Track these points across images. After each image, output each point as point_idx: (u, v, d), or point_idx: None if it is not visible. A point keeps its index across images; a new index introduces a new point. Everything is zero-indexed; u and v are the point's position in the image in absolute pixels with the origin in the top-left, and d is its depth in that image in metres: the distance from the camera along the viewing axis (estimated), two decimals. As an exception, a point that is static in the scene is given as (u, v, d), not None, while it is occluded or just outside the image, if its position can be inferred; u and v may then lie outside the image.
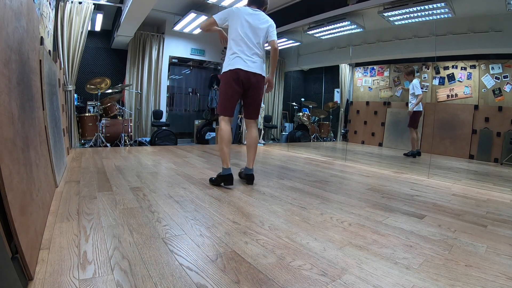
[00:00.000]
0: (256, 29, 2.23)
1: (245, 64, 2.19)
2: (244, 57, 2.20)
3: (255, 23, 2.24)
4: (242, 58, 2.20)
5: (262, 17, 2.27)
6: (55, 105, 2.42)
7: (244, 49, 2.21)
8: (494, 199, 2.21)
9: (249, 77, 2.20)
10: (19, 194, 0.90)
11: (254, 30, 2.23)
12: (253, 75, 2.21)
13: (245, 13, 2.25)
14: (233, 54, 2.21)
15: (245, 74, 2.18)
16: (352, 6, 3.85)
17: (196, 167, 2.87)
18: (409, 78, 4.44)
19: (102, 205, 1.59)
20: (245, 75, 2.19)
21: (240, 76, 2.18)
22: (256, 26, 2.23)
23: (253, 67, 2.20)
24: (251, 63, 2.20)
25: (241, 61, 2.19)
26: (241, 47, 2.21)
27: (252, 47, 2.21)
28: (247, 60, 2.20)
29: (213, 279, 0.93)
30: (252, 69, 2.19)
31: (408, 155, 4.47)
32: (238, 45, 2.21)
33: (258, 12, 2.28)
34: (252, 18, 2.24)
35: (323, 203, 1.87)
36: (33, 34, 1.50)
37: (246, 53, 2.20)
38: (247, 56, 2.20)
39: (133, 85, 6.03)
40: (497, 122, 4.20)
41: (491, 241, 1.35)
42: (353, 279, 0.97)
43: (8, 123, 0.88)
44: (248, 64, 2.19)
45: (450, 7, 3.47)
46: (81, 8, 4.27)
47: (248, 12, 2.26)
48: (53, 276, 0.89)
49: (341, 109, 6.50)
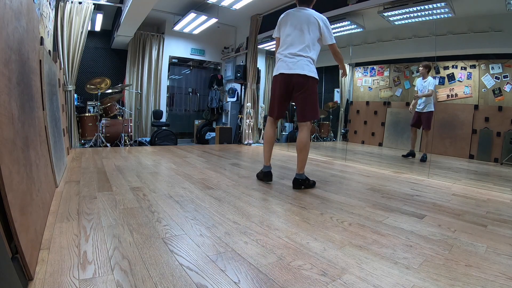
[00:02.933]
0: (300, 28, 2.17)
1: (287, 66, 2.17)
2: (286, 60, 2.18)
3: (299, 22, 2.17)
4: (284, 61, 2.19)
5: (306, 15, 2.18)
6: (55, 105, 2.42)
7: (287, 51, 2.19)
8: (494, 199, 2.21)
9: (291, 79, 2.16)
10: (19, 194, 0.90)
11: (299, 29, 2.17)
12: (296, 76, 2.14)
13: (290, 15, 2.23)
14: (279, 59, 2.23)
15: (287, 77, 2.17)
16: (352, 6, 3.84)
17: (196, 167, 2.87)
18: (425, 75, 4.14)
19: (102, 205, 1.59)
20: (287, 77, 2.17)
21: (284, 79, 2.18)
22: (300, 25, 2.17)
23: (295, 68, 2.14)
24: (293, 64, 2.15)
25: (283, 64, 2.19)
26: (285, 50, 2.20)
27: (295, 48, 2.16)
28: (289, 62, 2.16)
29: (213, 279, 0.93)
30: (294, 71, 2.14)
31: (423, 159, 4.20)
32: (282, 47, 2.22)
33: (303, 11, 2.21)
34: (295, 18, 2.20)
35: (323, 203, 1.87)
36: (33, 34, 1.50)
37: (289, 55, 2.17)
38: (289, 57, 2.17)
39: (133, 85, 6.03)
40: (497, 122, 4.20)
41: (491, 241, 1.35)
42: (353, 279, 0.97)
43: (8, 123, 0.88)
44: (290, 66, 2.16)
45: (450, 7, 3.47)
46: (81, 8, 4.27)
47: (293, 13, 2.23)
48: (53, 276, 0.89)
49: (341, 109, 6.50)
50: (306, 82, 2.15)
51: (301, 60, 2.14)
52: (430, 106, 4.11)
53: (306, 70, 2.14)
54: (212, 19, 5.22)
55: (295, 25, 2.18)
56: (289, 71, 2.15)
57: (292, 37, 2.18)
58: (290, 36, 2.18)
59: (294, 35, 2.18)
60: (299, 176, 2.22)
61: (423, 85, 4.10)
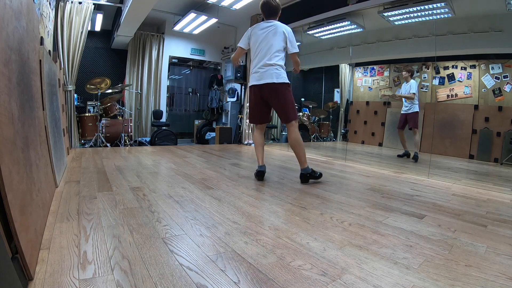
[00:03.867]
0: (269, 40, 2.34)
1: (258, 77, 2.34)
2: (258, 71, 2.34)
3: (268, 34, 2.35)
4: (256, 72, 2.36)
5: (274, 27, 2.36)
6: (55, 105, 2.42)
7: (256, 63, 2.36)
8: (494, 199, 2.21)
9: (262, 88, 2.34)
10: (19, 194, 0.90)
11: (267, 41, 2.34)
12: (267, 86, 2.32)
13: (258, 29, 2.40)
14: (252, 72, 2.39)
15: (259, 88, 2.35)
16: (352, 6, 3.85)
17: (196, 167, 2.87)
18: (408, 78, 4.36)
19: (102, 205, 1.59)
20: (259, 88, 2.35)
21: (256, 89, 2.36)
22: (269, 37, 2.34)
23: (265, 78, 2.31)
24: (263, 75, 2.32)
25: (255, 75, 2.36)
26: (255, 63, 2.37)
27: (265, 59, 2.32)
28: (260, 73, 2.33)
29: (213, 279, 0.93)
30: (264, 81, 2.31)
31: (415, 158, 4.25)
32: (253, 61, 2.38)
33: (271, 23, 2.39)
34: (264, 31, 2.37)
35: (323, 203, 1.87)
36: (33, 34, 1.50)
37: (261, 66, 2.33)
38: (261, 69, 2.33)
39: (133, 85, 6.03)
40: (497, 122, 4.20)
41: (491, 241, 1.35)
42: (353, 279, 0.97)
43: (8, 123, 0.88)
44: (260, 76, 2.33)
45: (450, 7, 3.47)
46: (81, 8, 4.27)
47: (262, 26, 2.39)
48: (53, 276, 0.89)
49: (341, 109, 6.50)
50: (277, 89, 2.31)
51: (269, 70, 2.31)
52: (414, 107, 4.25)
53: (275, 78, 2.30)
54: (212, 19, 5.23)
55: (265, 37, 2.35)
56: (260, 82, 2.34)
57: (262, 50, 2.35)
58: (260, 49, 2.36)
59: (263, 47, 2.35)
60: (304, 171, 2.35)
61: (405, 89, 4.29)
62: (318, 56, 6.23)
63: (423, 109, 4.52)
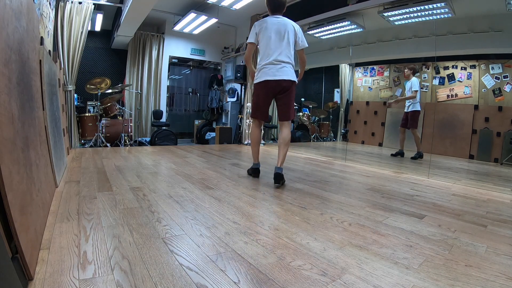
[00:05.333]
0: (281, 36, 2.32)
1: (273, 73, 2.32)
2: (271, 67, 2.32)
3: (279, 29, 2.32)
4: (269, 68, 2.32)
5: (284, 22, 2.35)
6: (55, 105, 2.42)
7: (268, 58, 2.33)
8: (494, 199, 2.21)
9: (278, 84, 2.32)
10: (19, 194, 0.90)
11: (280, 37, 2.32)
12: (283, 82, 2.31)
13: (269, 23, 2.35)
14: (263, 66, 2.35)
15: (274, 83, 2.32)
16: (352, 6, 3.85)
17: (196, 167, 2.87)
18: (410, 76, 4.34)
19: (102, 205, 1.59)
20: (275, 83, 2.32)
21: (271, 85, 2.33)
22: (280, 32, 2.32)
23: (281, 74, 2.31)
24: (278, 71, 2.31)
25: (268, 71, 2.33)
26: (265, 58, 2.34)
27: (279, 55, 2.31)
28: (275, 68, 2.32)
29: (213, 279, 0.93)
30: (281, 77, 2.31)
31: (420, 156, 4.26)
32: (265, 56, 2.34)
33: (279, 18, 2.37)
34: (275, 25, 2.34)
35: (323, 203, 1.87)
36: (33, 34, 1.50)
37: (274, 62, 2.31)
38: (274, 64, 2.31)
39: (133, 85, 6.03)
40: (497, 122, 4.20)
41: (491, 241, 1.35)
42: (353, 279, 0.97)
43: (8, 123, 0.88)
44: (276, 72, 2.31)
45: (450, 7, 3.47)
46: (81, 8, 4.27)
47: (271, 20, 2.36)
48: (53, 276, 0.89)
49: (341, 109, 6.50)
50: (291, 87, 2.35)
51: (285, 67, 2.32)
52: (415, 105, 4.26)
53: (291, 75, 2.33)
54: (212, 19, 5.23)
55: (276, 33, 2.33)
56: (276, 78, 2.31)
57: (275, 44, 2.32)
58: (272, 43, 2.32)
59: (276, 42, 2.32)
60: (281, 170, 2.29)
61: (407, 86, 4.31)
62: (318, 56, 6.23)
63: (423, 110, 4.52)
